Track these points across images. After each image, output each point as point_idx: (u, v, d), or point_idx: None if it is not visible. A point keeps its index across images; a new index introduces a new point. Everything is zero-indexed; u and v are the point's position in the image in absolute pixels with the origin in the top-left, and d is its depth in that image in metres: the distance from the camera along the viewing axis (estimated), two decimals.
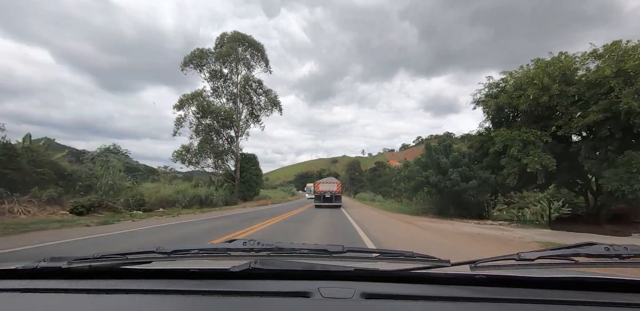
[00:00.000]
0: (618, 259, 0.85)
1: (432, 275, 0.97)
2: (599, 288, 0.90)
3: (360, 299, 0.84)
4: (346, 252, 0.99)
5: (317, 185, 24.10)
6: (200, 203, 20.52)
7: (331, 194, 22.68)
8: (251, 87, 28.40)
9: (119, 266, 0.98)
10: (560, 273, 0.98)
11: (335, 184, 23.66)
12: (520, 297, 0.85)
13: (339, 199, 22.72)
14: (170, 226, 9.81)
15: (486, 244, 7.61)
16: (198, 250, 0.99)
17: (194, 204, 19.81)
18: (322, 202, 22.51)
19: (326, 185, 23.77)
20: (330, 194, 22.67)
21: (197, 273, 0.99)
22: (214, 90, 27.40)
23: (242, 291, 0.87)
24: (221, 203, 22.56)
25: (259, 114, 29.41)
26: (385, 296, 0.86)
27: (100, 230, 8.36)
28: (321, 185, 23.79)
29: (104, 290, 0.90)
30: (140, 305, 0.84)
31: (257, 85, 28.59)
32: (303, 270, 0.94)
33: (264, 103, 29.22)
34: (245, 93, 28.08)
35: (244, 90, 28.01)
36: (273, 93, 29.31)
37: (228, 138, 27.85)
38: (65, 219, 10.27)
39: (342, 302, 0.82)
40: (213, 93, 27.39)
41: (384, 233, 9.13)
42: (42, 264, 1.00)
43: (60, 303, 0.86)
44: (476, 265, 0.96)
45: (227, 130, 27.57)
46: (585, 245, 0.89)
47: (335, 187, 23.20)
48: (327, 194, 22.67)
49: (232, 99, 27.90)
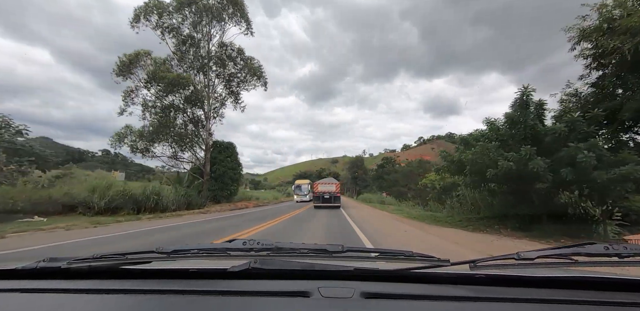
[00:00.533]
0: (617, 258, 0.85)
1: (432, 274, 0.97)
2: (598, 287, 0.91)
3: (360, 299, 0.84)
4: (346, 252, 1.00)
5: (315, 185, 23.90)
6: (138, 206, 13.87)
7: (330, 195, 22.40)
8: (226, 53, 21.56)
9: (118, 266, 0.98)
10: (560, 273, 0.99)
11: (334, 185, 23.41)
12: (520, 296, 0.86)
13: (338, 200, 22.64)
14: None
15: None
16: (198, 250, 0.99)
17: (124, 208, 13.14)
18: (321, 203, 22.30)
19: (325, 185, 23.51)
20: (330, 195, 22.40)
21: (197, 273, 0.99)
22: (175, 54, 20.51)
23: (242, 291, 0.87)
24: (176, 207, 16.09)
25: (238, 90, 22.59)
26: (385, 295, 0.87)
27: None
28: (320, 185, 23.55)
29: (103, 290, 0.90)
30: (140, 304, 0.84)
31: (233, 52, 21.75)
32: (303, 269, 0.95)
33: (244, 75, 22.37)
34: (218, 60, 21.20)
35: (215, 57, 21.16)
36: (256, 63, 22.46)
37: (194, 119, 20.99)
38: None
39: (342, 302, 0.82)
40: (173, 59, 20.51)
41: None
42: (41, 264, 1.00)
43: (60, 303, 0.85)
44: (476, 264, 0.97)
45: (194, 108, 20.75)
46: (585, 244, 0.90)
47: (334, 188, 23.03)
48: (326, 195, 22.43)
49: (200, 69, 21.04)
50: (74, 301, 0.86)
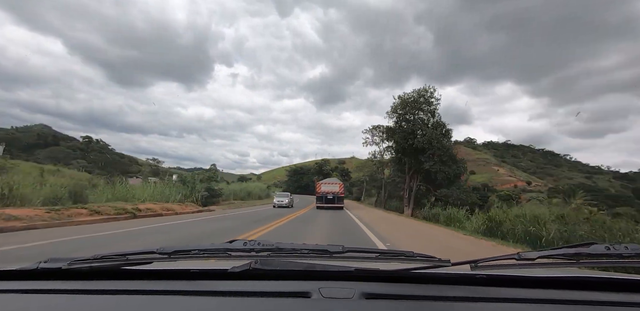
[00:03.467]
0: (619, 259, 0.85)
1: (433, 274, 0.97)
2: (600, 288, 0.91)
3: (360, 299, 0.84)
4: (346, 252, 0.99)
5: (319, 185, 23.40)
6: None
7: (333, 195, 22.04)
8: None
9: (119, 267, 0.98)
10: (561, 273, 0.98)
11: (337, 185, 23.09)
12: (521, 297, 0.86)
13: (341, 200, 22.29)
14: None
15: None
16: (199, 250, 0.99)
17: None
18: (324, 203, 21.88)
19: (328, 185, 23.02)
20: (333, 195, 22.03)
21: (198, 274, 0.99)
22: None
23: (243, 292, 0.87)
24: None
25: None
26: (386, 296, 0.86)
27: None
28: (323, 185, 23.03)
29: (104, 291, 0.90)
30: (141, 305, 0.84)
31: None
32: (303, 270, 0.94)
33: None
34: None
35: None
36: None
37: None
38: None
39: (343, 302, 0.82)
40: None
41: None
42: (42, 265, 1.00)
43: (60, 304, 0.85)
44: (477, 264, 0.96)
45: None
46: (586, 244, 0.89)
47: (337, 188, 22.66)
48: (330, 195, 22.07)
49: None
50: (74, 302, 0.86)
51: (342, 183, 24.58)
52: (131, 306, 0.83)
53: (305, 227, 11.21)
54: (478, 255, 1.14)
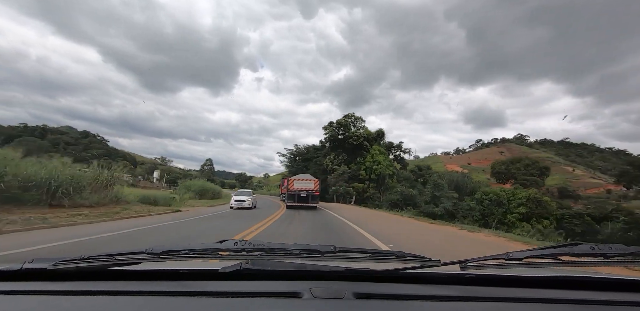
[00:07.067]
0: (603, 258, 0.86)
1: (423, 274, 0.98)
2: (585, 287, 0.94)
3: (351, 299, 0.83)
4: (338, 252, 0.99)
5: (290, 182, 20.72)
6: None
7: (307, 193, 19.85)
8: None
9: (107, 268, 0.96)
10: (548, 272, 1.00)
11: (312, 182, 20.68)
12: (510, 296, 0.87)
13: (316, 199, 20.30)
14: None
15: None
16: (188, 250, 0.97)
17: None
18: (295, 202, 19.51)
19: (302, 182, 20.58)
20: (307, 193, 19.85)
21: (187, 274, 0.98)
22: None
23: (233, 292, 0.86)
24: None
25: None
26: (377, 296, 0.87)
27: None
28: (296, 182, 20.55)
29: (91, 292, 0.88)
30: (129, 306, 0.82)
31: None
32: (294, 270, 0.95)
33: None
34: None
35: None
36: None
37: None
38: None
39: (334, 302, 0.82)
40: None
41: None
42: (26, 265, 0.97)
43: (46, 305, 0.83)
44: (466, 264, 0.97)
45: None
46: (572, 244, 0.91)
47: (312, 185, 20.33)
48: (303, 193, 19.80)
49: None
50: (60, 303, 0.84)
51: (318, 179, 21.70)
52: (119, 307, 0.81)
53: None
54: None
